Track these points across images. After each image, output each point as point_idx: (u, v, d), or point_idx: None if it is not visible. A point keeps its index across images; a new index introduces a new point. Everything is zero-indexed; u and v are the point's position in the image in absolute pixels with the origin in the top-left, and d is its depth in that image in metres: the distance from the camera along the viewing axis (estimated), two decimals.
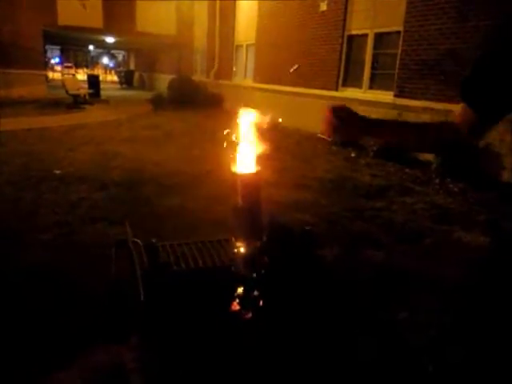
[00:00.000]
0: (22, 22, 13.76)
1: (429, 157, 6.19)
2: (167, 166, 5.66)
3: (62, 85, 13.41)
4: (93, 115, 11.29)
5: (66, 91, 12.91)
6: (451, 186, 5.08)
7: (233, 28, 13.37)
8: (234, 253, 1.64)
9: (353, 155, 6.98)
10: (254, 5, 11.81)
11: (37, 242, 3.20)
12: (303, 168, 6.09)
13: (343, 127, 1.21)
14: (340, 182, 5.36)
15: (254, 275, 1.56)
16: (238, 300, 1.53)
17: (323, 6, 8.94)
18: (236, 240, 1.64)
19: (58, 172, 5.24)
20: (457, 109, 1.17)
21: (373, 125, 1.27)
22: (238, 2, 13.03)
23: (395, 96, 7.24)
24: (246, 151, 1.59)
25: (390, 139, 1.39)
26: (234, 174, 1.59)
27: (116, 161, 5.94)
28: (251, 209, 1.61)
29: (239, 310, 1.52)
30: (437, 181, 5.31)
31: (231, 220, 1.66)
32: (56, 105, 12.47)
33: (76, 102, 12.91)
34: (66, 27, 15.26)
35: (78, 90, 13.77)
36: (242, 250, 1.61)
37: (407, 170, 5.99)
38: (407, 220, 4.00)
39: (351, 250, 3.14)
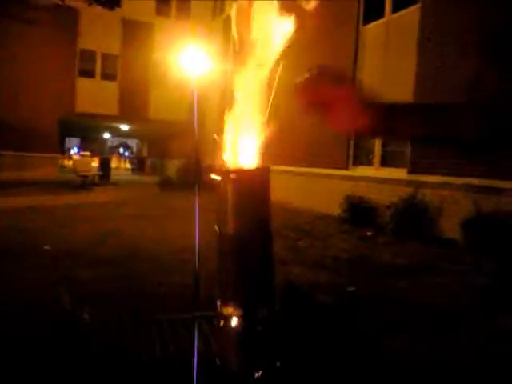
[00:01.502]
0: (41, 109, 14.39)
1: (454, 234, 5.68)
2: (166, 243, 5.21)
3: (73, 165, 13.56)
4: (99, 196, 11.15)
5: (76, 172, 12.99)
6: (486, 263, 4.49)
7: None
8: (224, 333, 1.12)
9: (369, 234, 6.47)
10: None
11: None
12: (319, 246, 5.58)
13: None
14: (360, 260, 4.81)
15: (257, 375, 1.01)
16: None
17: None
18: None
19: (47, 248, 4.81)
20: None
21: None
22: None
23: (409, 172, 6.94)
24: None
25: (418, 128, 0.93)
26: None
27: (112, 238, 5.53)
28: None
29: None
30: (467, 259, 4.73)
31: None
32: (64, 186, 12.46)
33: (84, 184, 12.91)
34: (83, 114, 15.93)
35: (88, 171, 13.88)
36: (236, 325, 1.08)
37: (431, 248, 5.43)
38: (441, 304, 3.38)
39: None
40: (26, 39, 14.25)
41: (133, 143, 43.14)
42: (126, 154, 48.23)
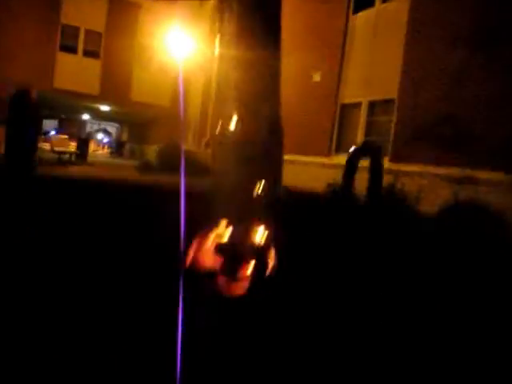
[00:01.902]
0: (16, 80, 13.88)
1: (429, 222, 5.76)
2: None
3: (49, 143, 13.18)
4: (75, 171, 10.87)
5: (52, 149, 12.63)
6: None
7: None
8: None
9: None
10: None
11: None
12: None
13: None
14: None
15: None
16: None
17: (316, 77, 9.11)
18: None
19: None
20: None
21: None
22: None
23: (390, 161, 7.01)
24: None
25: None
26: None
27: None
28: None
29: None
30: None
31: None
32: (39, 163, 12.06)
33: (60, 161, 12.55)
34: (62, 91, 15.46)
35: (65, 148, 13.51)
36: None
37: None
38: None
39: None
40: (7, 7, 13.73)
41: (113, 129, 42.30)
42: (106, 140, 47.27)
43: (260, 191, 1.81)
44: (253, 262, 1.45)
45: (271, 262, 1.51)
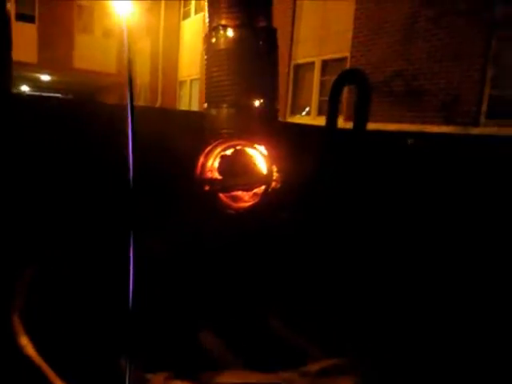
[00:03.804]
0: None
1: None
2: None
3: None
4: None
5: None
6: None
7: (176, 63, 13.16)
8: None
9: None
10: (198, 39, 11.73)
11: None
12: None
13: None
14: None
15: None
16: None
17: None
18: None
19: None
20: None
21: None
22: (181, 37, 12.95)
23: (345, 120, 7.08)
24: None
25: None
26: None
27: None
28: None
29: None
30: None
31: None
32: None
33: None
34: None
35: None
36: None
37: None
38: None
39: None
40: None
41: None
42: None
43: (259, 106, 1.83)
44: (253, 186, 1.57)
45: (275, 183, 1.61)
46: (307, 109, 8.29)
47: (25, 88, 28.45)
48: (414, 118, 5.94)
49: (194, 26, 12.46)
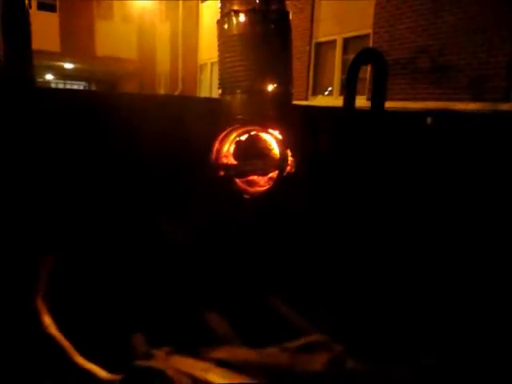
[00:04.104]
0: None
1: None
2: None
3: None
4: None
5: None
6: None
7: (196, 46, 13.09)
8: None
9: None
10: None
11: None
12: None
13: None
14: None
15: None
16: None
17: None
18: None
19: None
20: None
21: None
22: (200, 19, 12.85)
23: (368, 99, 6.92)
24: None
25: None
26: None
27: None
28: None
29: None
30: None
31: None
32: None
33: None
34: None
35: None
36: None
37: None
38: None
39: None
40: None
41: (80, 87, 40.53)
42: None
43: (272, 91, 1.85)
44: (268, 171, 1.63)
45: (290, 167, 1.65)
46: (329, 89, 8.13)
47: (49, 77, 29.04)
48: (440, 95, 5.74)
49: (213, 8, 12.32)
